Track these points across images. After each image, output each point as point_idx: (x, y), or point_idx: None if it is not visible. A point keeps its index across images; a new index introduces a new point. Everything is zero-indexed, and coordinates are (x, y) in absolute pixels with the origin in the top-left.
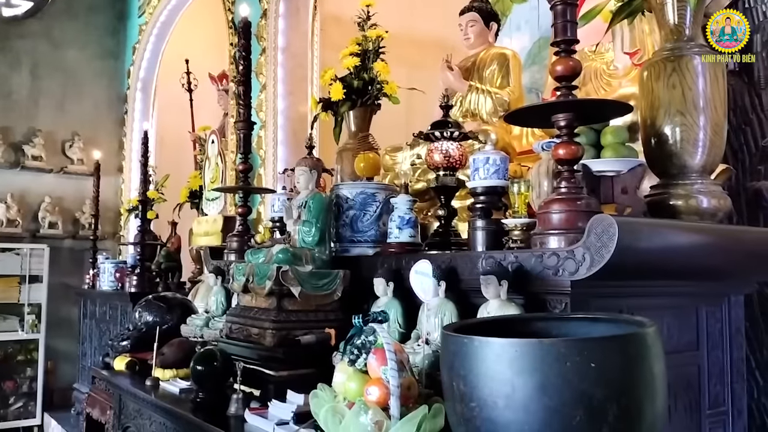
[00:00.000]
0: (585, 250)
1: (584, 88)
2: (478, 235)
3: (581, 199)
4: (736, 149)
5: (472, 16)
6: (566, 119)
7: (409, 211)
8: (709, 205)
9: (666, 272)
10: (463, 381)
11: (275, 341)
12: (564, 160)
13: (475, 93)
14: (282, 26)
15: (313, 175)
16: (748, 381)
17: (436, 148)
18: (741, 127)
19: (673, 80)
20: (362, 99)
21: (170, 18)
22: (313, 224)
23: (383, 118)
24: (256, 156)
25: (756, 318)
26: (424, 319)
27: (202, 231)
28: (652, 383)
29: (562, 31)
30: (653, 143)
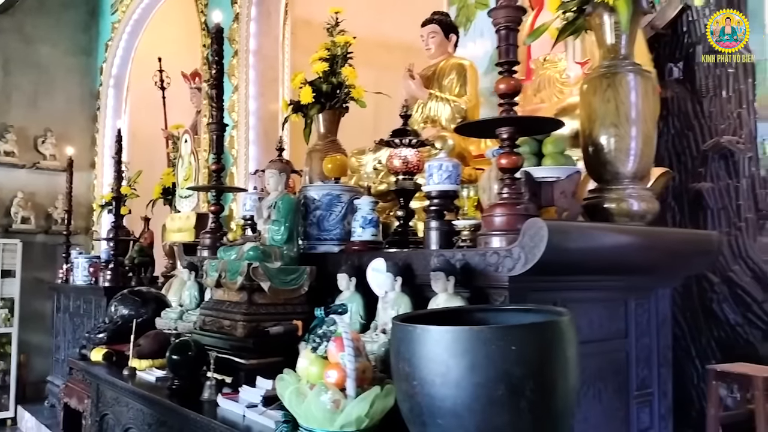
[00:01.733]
0: (520, 249)
1: (539, 95)
2: (432, 235)
3: (520, 204)
4: (680, 152)
5: (433, 28)
6: (508, 132)
7: (371, 211)
8: (638, 208)
9: (594, 269)
10: (408, 363)
11: (246, 332)
12: (506, 169)
13: (434, 101)
14: (253, 29)
15: (282, 177)
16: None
17: (396, 155)
18: (684, 132)
19: (608, 95)
20: (331, 102)
21: (143, 16)
22: (281, 223)
23: (352, 120)
24: (228, 155)
25: (696, 309)
26: (381, 311)
27: (175, 227)
28: (565, 363)
29: (505, 53)
30: (591, 151)
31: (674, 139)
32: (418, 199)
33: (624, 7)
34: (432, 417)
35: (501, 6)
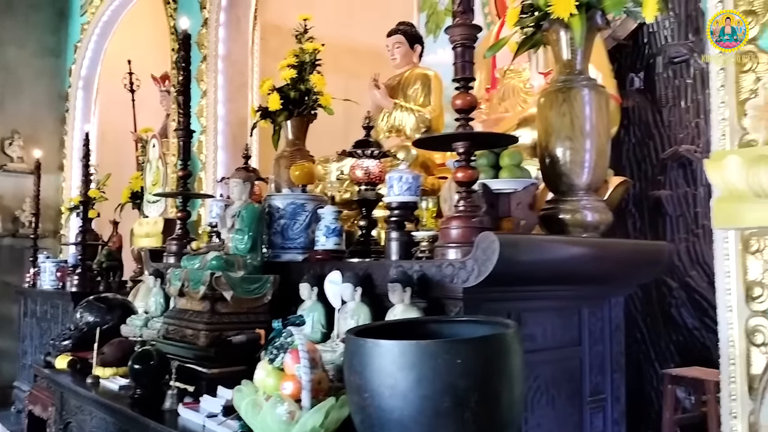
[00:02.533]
0: (474, 262)
1: (503, 104)
2: (392, 245)
3: (476, 217)
4: (640, 160)
5: (398, 39)
6: (464, 147)
7: (334, 221)
8: (592, 219)
9: (547, 279)
10: (359, 376)
11: (208, 341)
12: (462, 182)
13: (399, 110)
14: (222, 35)
15: (247, 187)
16: (649, 371)
17: (359, 165)
18: (644, 141)
19: (564, 109)
20: (299, 109)
21: (113, 17)
22: (245, 233)
23: (323, 126)
24: (196, 160)
25: (655, 313)
26: (341, 321)
27: (143, 232)
28: (509, 375)
29: (462, 69)
30: (547, 163)
31: (635, 147)
32: (382, 207)
33: (578, 25)
34: (382, 429)
35: (457, 24)
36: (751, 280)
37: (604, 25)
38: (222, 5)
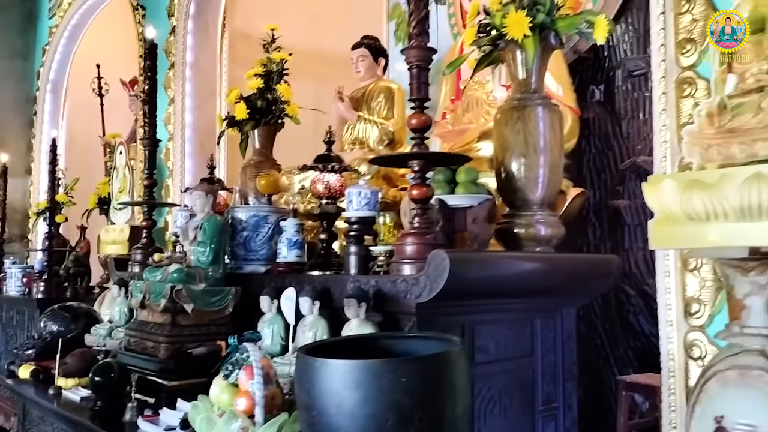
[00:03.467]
0: (426, 278)
1: (467, 115)
2: (351, 259)
3: (430, 233)
4: (600, 170)
5: (362, 52)
6: (419, 165)
7: (296, 233)
8: (545, 233)
9: (499, 293)
10: (308, 394)
11: (168, 354)
12: (417, 199)
13: (363, 122)
14: (190, 43)
15: (209, 199)
16: (608, 376)
17: (320, 179)
18: (604, 152)
19: (518, 127)
20: (265, 118)
21: (82, 21)
22: (207, 245)
23: (291, 133)
24: (164, 168)
25: (614, 320)
26: (300, 334)
27: (109, 239)
28: (453, 392)
29: (417, 90)
30: (503, 178)
31: (595, 157)
32: (343, 219)
33: (531, 46)
34: None
35: (412, 47)
36: (689, 297)
37: (558, 45)
38: (190, 13)
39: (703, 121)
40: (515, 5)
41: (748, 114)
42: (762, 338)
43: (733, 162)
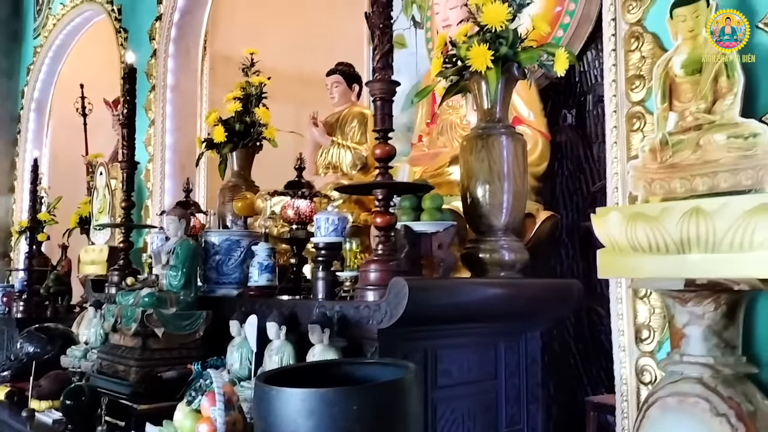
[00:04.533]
0: (386, 305)
1: (441, 138)
2: (319, 284)
3: (393, 260)
4: (572, 192)
5: (337, 78)
6: (383, 194)
7: (267, 257)
8: (509, 258)
9: (461, 319)
10: (265, 421)
11: (138, 378)
12: (381, 227)
13: (337, 147)
14: (171, 66)
15: (182, 224)
16: (581, 396)
17: (290, 205)
18: (576, 174)
19: (482, 155)
20: (244, 141)
21: (66, 41)
22: (179, 269)
23: (271, 155)
24: (143, 188)
25: (587, 339)
26: (267, 358)
27: (89, 259)
28: (405, 419)
29: (381, 121)
30: (468, 204)
31: (567, 180)
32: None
33: (494, 77)
34: None
35: (376, 80)
36: (640, 323)
37: (521, 76)
38: (171, 37)
39: (647, 156)
40: (479, 38)
41: (687, 150)
42: (700, 366)
43: (675, 196)
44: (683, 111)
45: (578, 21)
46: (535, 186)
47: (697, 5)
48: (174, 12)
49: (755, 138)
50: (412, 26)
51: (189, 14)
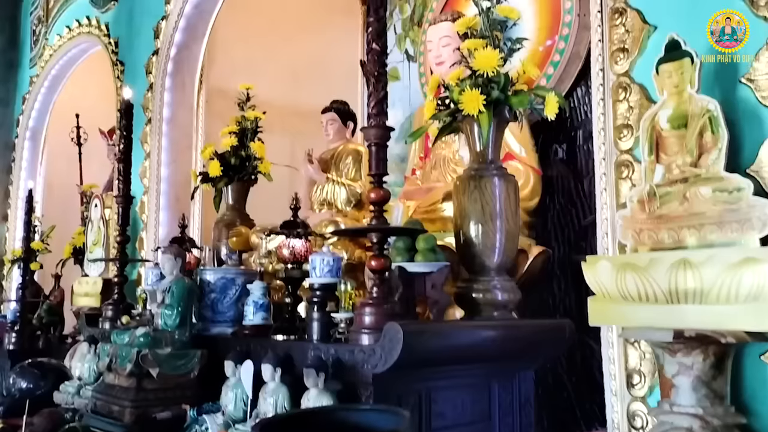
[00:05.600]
0: (381, 349)
1: (434, 172)
2: (314, 326)
3: (388, 304)
4: (564, 226)
5: (332, 116)
6: (378, 238)
7: (262, 296)
8: (502, 298)
9: (455, 361)
10: None
11: (132, 419)
12: (375, 270)
13: (331, 184)
14: (168, 99)
15: (178, 262)
16: (574, 429)
17: (285, 245)
18: (567, 208)
19: (475, 196)
20: (239, 175)
21: (62, 71)
22: (174, 308)
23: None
24: (138, 220)
25: (580, 374)
26: (261, 400)
27: (82, 291)
28: None
29: (376, 166)
30: (462, 244)
31: (559, 214)
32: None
33: (486, 121)
34: None
35: (372, 126)
36: (631, 368)
37: (512, 118)
38: (168, 71)
39: (636, 206)
40: (471, 82)
41: (674, 202)
42: (689, 417)
43: (663, 246)
44: (670, 164)
45: (568, 59)
46: (527, 221)
47: (681, 62)
48: (171, 46)
49: (740, 192)
50: (405, 59)
51: (186, 49)
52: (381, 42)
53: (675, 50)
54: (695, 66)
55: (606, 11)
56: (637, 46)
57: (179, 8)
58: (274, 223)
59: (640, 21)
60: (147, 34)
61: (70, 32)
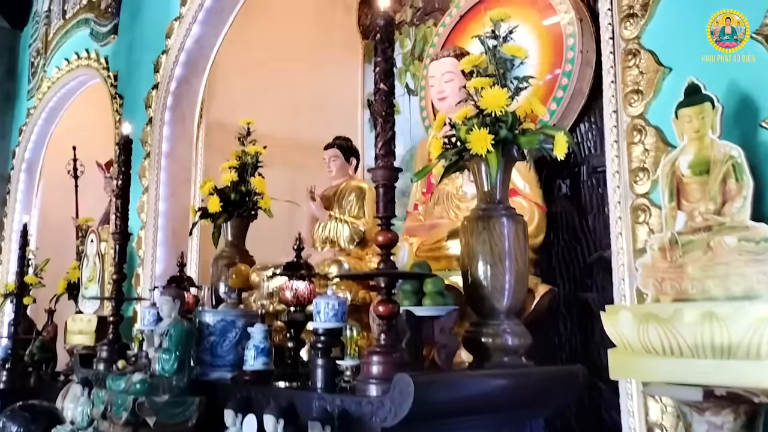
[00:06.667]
0: (390, 402)
1: (437, 208)
2: (318, 373)
3: (396, 352)
4: (568, 263)
5: (334, 152)
6: (385, 282)
7: (264, 340)
8: (512, 343)
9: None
10: None
11: None
12: (383, 316)
13: (334, 221)
14: (167, 133)
15: (176, 304)
16: None
17: (288, 287)
18: (572, 244)
19: (484, 237)
20: (239, 210)
21: (60, 103)
22: (172, 352)
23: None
24: (135, 256)
25: (587, 413)
26: None
27: (76, 329)
28: None
29: (384, 208)
30: (470, 286)
31: (563, 250)
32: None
33: (494, 160)
34: None
35: (379, 167)
36: (652, 422)
37: (520, 157)
38: (167, 104)
39: (656, 254)
40: (478, 121)
41: (698, 251)
42: None
43: (686, 297)
44: (692, 211)
45: (571, 95)
46: (532, 258)
47: (702, 106)
48: (171, 80)
49: (767, 243)
50: (405, 93)
51: (186, 83)
52: (389, 82)
53: (695, 94)
54: (716, 111)
55: (618, 52)
56: (651, 88)
57: (180, 42)
58: (273, 259)
59: (654, 63)
60: (147, 68)
61: (69, 65)
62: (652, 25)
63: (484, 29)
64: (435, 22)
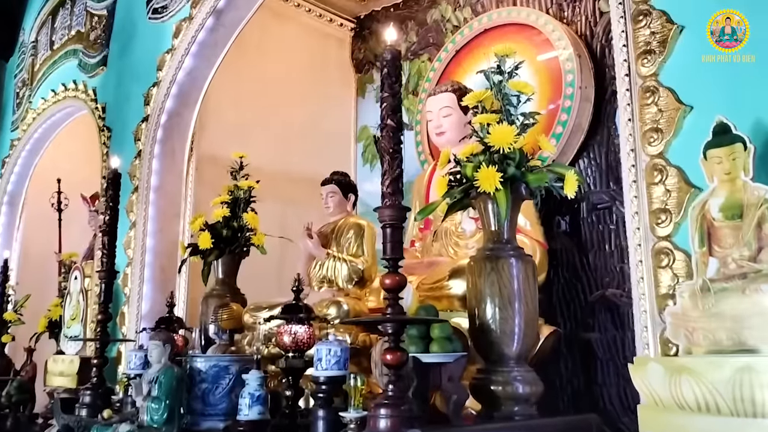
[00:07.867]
0: None
1: (435, 245)
2: (319, 425)
3: (405, 405)
4: (569, 301)
5: (332, 188)
6: (393, 329)
7: (259, 387)
8: (523, 391)
9: None
10: None
11: None
12: (391, 366)
13: (332, 260)
14: (156, 167)
15: (166, 349)
16: None
17: (286, 331)
18: (572, 282)
19: (492, 278)
20: (231, 247)
21: (45, 135)
22: (162, 401)
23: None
24: (121, 294)
25: None
26: None
27: (57, 371)
28: None
29: (391, 250)
30: (477, 329)
31: (564, 288)
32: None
33: (503, 199)
34: None
35: (386, 206)
36: None
37: (528, 196)
38: (157, 138)
39: (687, 303)
40: (485, 158)
41: (733, 299)
42: None
43: (721, 349)
44: (725, 257)
45: (570, 130)
46: None
47: (733, 147)
48: (162, 113)
49: None
50: None
51: (177, 116)
52: (396, 117)
53: (724, 134)
54: (748, 152)
55: (636, 90)
56: (672, 127)
57: (171, 75)
58: (264, 297)
59: (674, 100)
60: (137, 100)
61: (56, 96)
62: (670, 62)
63: (488, 64)
64: (430, 57)
